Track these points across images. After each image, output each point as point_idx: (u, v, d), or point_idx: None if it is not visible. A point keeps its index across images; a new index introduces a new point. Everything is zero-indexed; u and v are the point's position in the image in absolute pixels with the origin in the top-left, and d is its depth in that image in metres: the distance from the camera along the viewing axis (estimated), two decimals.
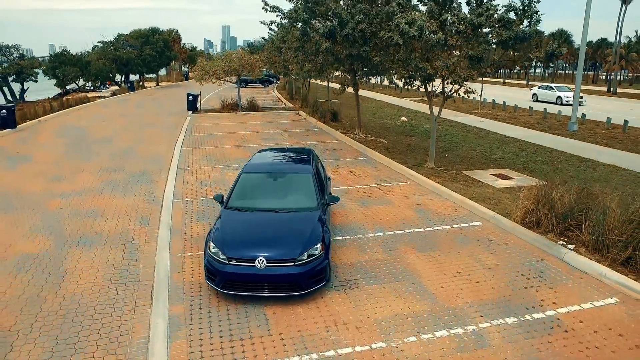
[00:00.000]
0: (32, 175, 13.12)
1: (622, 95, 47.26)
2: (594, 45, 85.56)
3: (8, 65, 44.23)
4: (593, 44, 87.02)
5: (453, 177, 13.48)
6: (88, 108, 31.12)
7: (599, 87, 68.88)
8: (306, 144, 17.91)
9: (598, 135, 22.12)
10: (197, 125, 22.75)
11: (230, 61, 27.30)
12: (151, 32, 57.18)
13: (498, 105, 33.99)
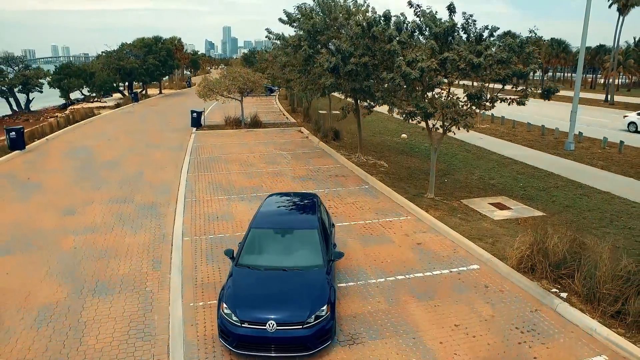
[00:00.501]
0: (44, 208, 13.49)
1: (619, 105, 47.58)
2: (592, 51, 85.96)
3: (14, 77, 44.70)
4: (591, 49, 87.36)
5: (452, 209, 13.85)
6: (93, 123, 31.49)
7: (596, 93, 69.15)
8: (309, 169, 18.30)
9: (594, 155, 22.49)
10: (202, 145, 23.12)
11: (233, 79, 27.68)
12: (154, 41, 57.53)
13: (497, 119, 34.37)
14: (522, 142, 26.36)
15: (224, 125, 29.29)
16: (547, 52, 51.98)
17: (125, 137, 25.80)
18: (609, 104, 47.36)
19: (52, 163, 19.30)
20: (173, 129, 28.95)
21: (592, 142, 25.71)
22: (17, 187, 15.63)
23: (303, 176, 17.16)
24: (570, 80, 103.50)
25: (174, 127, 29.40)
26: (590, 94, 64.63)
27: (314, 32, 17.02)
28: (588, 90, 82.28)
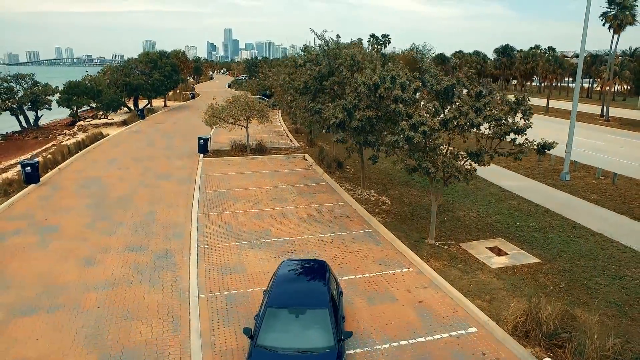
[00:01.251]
0: (64, 257, 14.07)
1: (614, 121, 48.14)
2: (588, 60, 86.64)
3: (23, 95, 45.25)
4: (588, 59, 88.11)
5: (452, 256, 14.46)
6: (102, 147, 32.06)
7: (593, 104, 69.63)
8: (314, 207, 18.88)
9: (589, 187, 23.07)
10: (210, 177, 23.70)
11: (239, 107, 28.26)
12: (159, 56, 58.14)
13: None
14: (519, 169, 26.93)
15: (229, 150, 29.89)
16: (544, 68, 52.55)
17: (134, 165, 26.37)
18: (604, 120, 47.91)
19: (67, 199, 19.87)
20: (180, 154, 29.52)
21: (586, 170, 26.28)
22: (36, 231, 16.21)
23: (309, 217, 17.75)
24: (567, 88, 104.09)
25: (181, 152, 29.97)
26: (586, 106, 65.07)
27: (319, 78, 17.60)
28: (584, 100, 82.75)
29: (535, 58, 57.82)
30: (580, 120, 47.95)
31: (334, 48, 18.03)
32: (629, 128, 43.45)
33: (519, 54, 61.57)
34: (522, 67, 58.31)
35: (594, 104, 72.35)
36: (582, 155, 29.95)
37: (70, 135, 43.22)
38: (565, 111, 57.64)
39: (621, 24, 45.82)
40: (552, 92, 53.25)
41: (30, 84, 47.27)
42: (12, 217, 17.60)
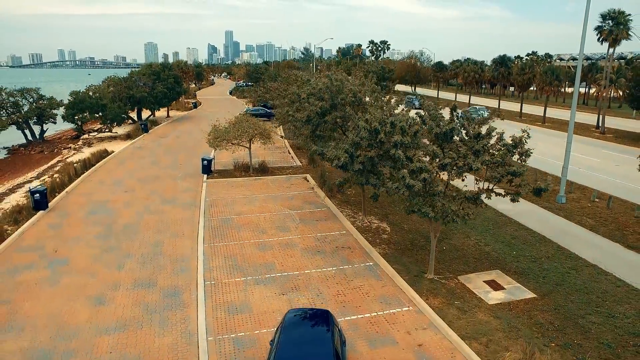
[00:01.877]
0: (74, 294, 14.39)
1: (609, 134, 48.41)
2: (585, 68, 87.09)
3: (29, 109, 45.61)
4: (584, 67, 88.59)
5: (451, 292, 14.81)
6: (107, 165, 32.33)
7: (588, 113, 69.90)
8: (316, 237, 19.18)
9: (584, 210, 23.39)
10: (214, 201, 24.02)
11: (242, 129, 28.57)
12: (162, 68, 58.46)
13: None
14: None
15: (232, 170, 30.20)
16: (540, 80, 52.87)
17: (139, 187, 26.69)
18: (600, 132, 48.22)
19: (75, 228, 20.18)
20: (184, 173, 29.83)
21: (582, 191, 26.61)
22: (47, 264, 16.52)
23: (312, 248, 18.07)
24: (565, 93, 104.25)
25: (185, 171, 30.28)
26: (583, 115, 65.29)
27: (322, 113, 17.94)
28: (580, 107, 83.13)
29: (532, 69, 58.05)
30: (576, 133, 48.21)
31: (338, 84, 18.34)
32: (624, 142, 43.73)
33: (515, 65, 61.78)
34: (519, 78, 58.53)
35: (590, 112, 72.59)
36: (578, 174, 30.28)
37: (75, 149, 43.58)
38: (563, 122, 57.94)
39: (616, 39, 46.17)
40: (549, 100, 53.60)
41: (36, 98, 47.71)
42: (24, 249, 17.92)
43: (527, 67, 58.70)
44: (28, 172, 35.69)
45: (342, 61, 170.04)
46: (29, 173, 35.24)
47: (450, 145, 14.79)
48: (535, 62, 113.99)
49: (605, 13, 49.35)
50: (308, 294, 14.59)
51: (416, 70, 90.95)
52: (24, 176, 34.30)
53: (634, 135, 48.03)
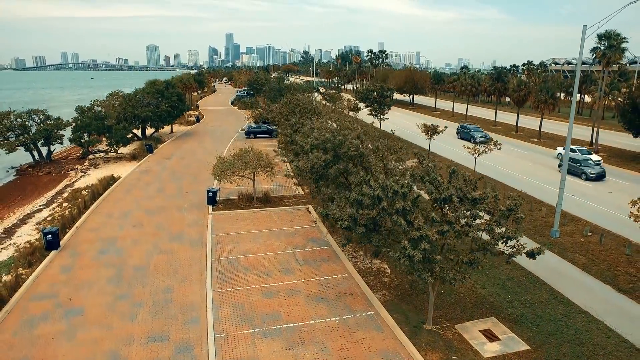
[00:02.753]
0: (91, 352, 14.88)
1: (603, 153, 48.89)
2: (580, 78, 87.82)
3: (36, 131, 46.08)
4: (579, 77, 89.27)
5: (448, 345, 15.36)
6: (114, 194, 32.76)
7: (583, 125, 70.41)
8: (320, 282, 19.69)
9: (577, 246, 23.91)
10: (220, 237, 24.52)
11: (246, 160, 29.06)
12: (165, 86, 58.92)
13: (490, 184, 35.73)
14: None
15: (237, 200, 30.68)
16: (537, 98, 53.32)
17: (147, 220, 27.17)
18: (594, 151, 48.72)
19: (87, 270, 20.66)
20: (191, 204, 30.30)
21: (575, 224, 27.11)
22: (62, 315, 17.01)
23: (315, 294, 18.58)
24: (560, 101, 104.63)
25: (191, 201, 30.76)
26: (577, 128, 65.75)
27: (324, 166, 18.44)
28: (575, 118, 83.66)
29: (527, 86, 58.55)
30: (571, 151, 48.83)
31: (340, 138, 18.81)
32: (617, 163, 44.21)
33: (511, 82, 62.28)
34: (515, 95, 59.04)
35: (585, 124, 73.10)
36: (572, 203, 30.79)
37: (82, 171, 44.08)
38: (558, 138, 58.36)
39: (609, 61, 46.73)
40: (545, 112, 54.03)
41: (43, 119, 48.19)
42: (39, 297, 18.40)
43: (523, 84, 59.18)
44: (37, 198, 36.16)
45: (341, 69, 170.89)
46: (38, 199, 35.70)
47: (448, 206, 15.31)
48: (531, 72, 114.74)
49: (601, 34, 49.91)
50: (313, 348, 15.09)
51: (414, 81, 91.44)
52: (34, 203, 34.78)
53: (626, 154, 48.55)
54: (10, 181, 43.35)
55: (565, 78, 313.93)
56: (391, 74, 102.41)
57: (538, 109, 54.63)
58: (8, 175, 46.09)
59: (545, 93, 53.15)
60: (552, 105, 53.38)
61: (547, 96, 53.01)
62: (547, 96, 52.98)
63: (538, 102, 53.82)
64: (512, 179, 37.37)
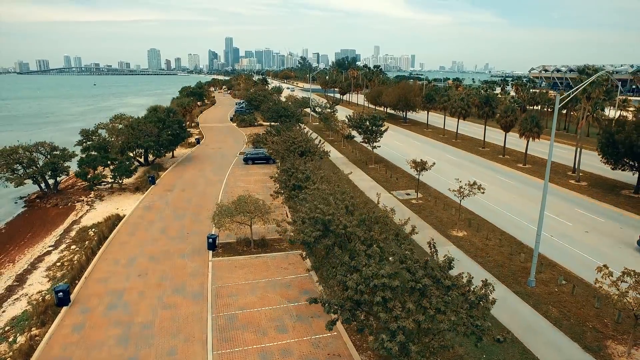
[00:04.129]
0: None
1: (584, 182, 50.18)
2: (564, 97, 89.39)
3: (44, 164, 47.18)
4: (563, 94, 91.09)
5: None
6: (119, 237, 33.83)
7: (567, 144, 71.74)
8: (311, 340, 20.89)
9: (551, 297, 25.20)
10: (219, 288, 25.70)
11: (244, 209, 30.25)
12: (167, 114, 60.07)
13: (474, 219, 37.05)
14: (492, 265, 29.08)
15: (235, 244, 31.85)
16: (522, 127, 54.71)
17: (151, 269, 28.32)
18: (576, 180, 50.06)
19: (97, 330, 21.80)
20: (192, 249, 31.40)
21: (551, 271, 28.38)
22: None
23: (307, 356, 19.79)
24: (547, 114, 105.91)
25: (193, 246, 31.87)
26: (561, 149, 67.07)
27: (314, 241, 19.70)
28: (561, 135, 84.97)
29: (514, 112, 59.96)
30: (552, 180, 50.00)
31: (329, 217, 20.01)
32: (597, 194, 45.42)
33: (499, 108, 63.71)
34: (502, 120, 60.42)
35: (570, 143, 74.51)
36: (549, 244, 32.09)
37: (87, 203, 45.17)
38: (543, 162, 59.31)
39: (589, 96, 48.17)
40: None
41: (49, 150, 49.27)
42: None
43: (510, 111, 60.53)
44: (46, 236, 37.27)
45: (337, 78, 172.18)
46: (47, 238, 36.82)
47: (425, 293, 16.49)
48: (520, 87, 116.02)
49: (582, 68, 51.53)
50: None
51: (407, 99, 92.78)
52: (43, 242, 35.90)
53: (607, 182, 49.81)
54: (19, 214, 44.43)
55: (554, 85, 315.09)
56: (385, 90, 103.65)
57: (523, 136, 55.95)
58: (17, 207, 47.17)
59: (530, 122, 54.50)
60: (537, 134, 54.67)
61: (532, 125, 54.35)
62: (532, 125, 54.32)
63: (523, 130, 55.18)
64: (497, 216, 38.62)
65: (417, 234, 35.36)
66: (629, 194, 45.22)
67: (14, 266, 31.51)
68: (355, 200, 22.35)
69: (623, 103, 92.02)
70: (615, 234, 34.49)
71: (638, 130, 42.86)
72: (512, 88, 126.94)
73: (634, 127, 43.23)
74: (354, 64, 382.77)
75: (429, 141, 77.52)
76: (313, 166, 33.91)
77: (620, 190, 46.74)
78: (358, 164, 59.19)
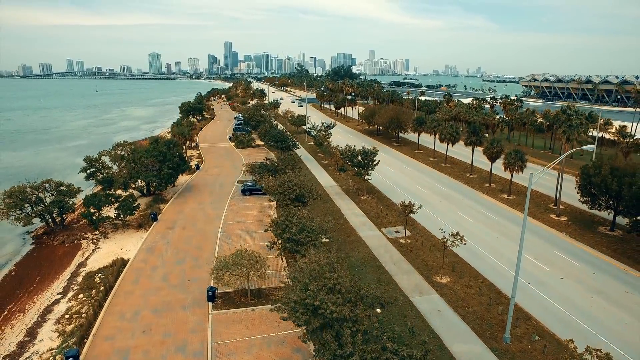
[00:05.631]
0: None
1: (564, 218, 51.61)
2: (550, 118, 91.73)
3: (50, 203, 48.31)
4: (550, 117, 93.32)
5: None
6: (124, 286, 35.01)
7: (551, 170, 73.18)
8: None
9: (524, 356, 26.57)
10: (218, 347, 26.98)
11: (240, 264, 31.54)
12: (168, 148, 61.20)
13: (457, 265, 38.35)
14: (471, 318, 30.44)
15: (233, 295, 33.12)
16: (507, 160, 56.27)
17: (155, 324, 29.54)
18: (556, 215, 51.54)
19: None
20: (192, 299, 32.65)
21: (527, 324, 29.76)
22: None
23: None
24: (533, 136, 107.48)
25: (193, 297, 33.07)
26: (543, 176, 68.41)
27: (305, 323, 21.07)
28: (545, 157, 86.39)
29: (499, 144, 61.55)
30: (532, 214, 51.44)
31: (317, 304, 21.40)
32: (575, 232, 46.76)
33: (486, 139, 65.31)
34: (488, 152, 61.97)
35: (553, 168, 75.86)
36: (526, 293, 33.49)
37: (93, 242, 46.34)
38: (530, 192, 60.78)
39: (569, 138, 49.75)
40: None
41: (56, 187, 50.42)
42: None
43: (496, 142, 62.04)
44: (54, 281, 38.44)
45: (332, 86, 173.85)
46: (55, 283, 37.97)
47: None
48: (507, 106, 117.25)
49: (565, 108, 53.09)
50: None
51: (399, 120, 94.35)
52: (51, 289, 37.04)
53: (586, 217, 51.10)
54: (27, 252, 45.57)
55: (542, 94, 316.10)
56: (379, 111, 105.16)
57: (508, 170, 57.48)
58: (25, 243, 48.36)
59: (514, 156, 56.01)
60: (520, 168, 56.20)
61: (516, 158, 55.87)
62: (517, 158, 55.83)
63: (508, 164, 56.72)
64: (479, 260, 39.96)
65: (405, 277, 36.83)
66: (605, 231, 46.77)
67: (24, 317, 32.69)
68: (342, 279, 23.70)
69: (605, 125, 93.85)
70: (587, 281, 35.96)
71: (613, 173, 44.43)
72: (501, 107, 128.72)
73: (610, 171, 44.76)
74: (349, 72, 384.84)
75: (418, 166, 78.94)
76: (306, 219, 35.22)
77: (598, 227, 48.26)
78: (350, 194, 60.49)
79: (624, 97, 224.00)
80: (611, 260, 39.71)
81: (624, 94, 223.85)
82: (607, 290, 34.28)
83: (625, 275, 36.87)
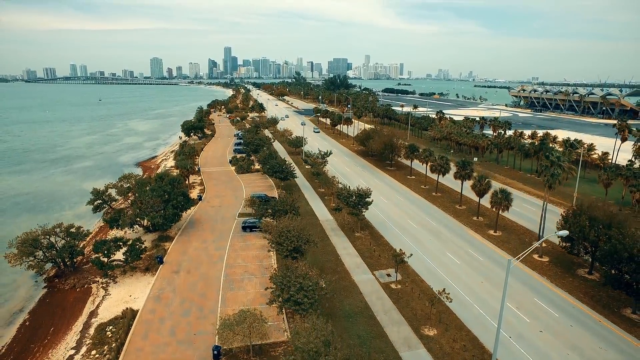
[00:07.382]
0: None
1: (545, 259, 53.22)
2: (537, 146, 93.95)
3: (62, 248, 49.63)
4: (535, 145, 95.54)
5: None
6: (135, 341, 36.38)
7: (536, 199, 74.70)
8: None
9: None
10: None
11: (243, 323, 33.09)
12: (172, 187, 62.57)
13: (445, 318, 39.83)
14: None
15: (237, 351, 34.60)
16: (493, 200, 58.05)
17: None
18: (539, 256, 53.24)
19: None
20: (199, 359, 34.12)
21: None
22: None
23: None
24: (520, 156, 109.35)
25: (199, 356, 34.44)
26: (530, 203, 70.12)
27: None
28: (531, 182, 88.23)
29: (488, 183, 63.33)
30: (516, 254, 53.04)
31: None
32: (555, 275, 48.24)
33: (474, 177, 67.08)
34: (476, 189, 63.75)
35: (538, 196, 77.56)
36: (506, 348, 35.00)
37: (102, 287, 47.67)
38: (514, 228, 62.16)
39: (551, 186, 51.55)
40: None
41: (66, 230, 51.73)
42: None
43: (484, 179, 63.77)
44: (67, 333, 39.76)
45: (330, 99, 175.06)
46: (68, 336, 39.30)
47: None
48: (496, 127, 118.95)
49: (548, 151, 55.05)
50: None
51: (392, 147, 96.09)
52: (65, 343, 38.37)
53: (566, 259, 52.53)
54: (40, 298, 46.85)
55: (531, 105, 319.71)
56: (373, 136, 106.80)
57: (494, 208, 59.22)
58: (37, 287, 49.62)
59: (501, 195, 57.74)
60: (506, 207, 57.92)
61: (502, 198, 57.59)
62: (502, 198, 57.56)
63: (494, 203, 58.47)
64: (465, 309, 41.51)
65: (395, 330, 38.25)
66: (584, 274, 48.47)
67: None
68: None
69: (587, 152, 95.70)
70: (565, 334, 37.57)
71: (590, 221, 46.22)
72: (490, 128, 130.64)
73: (587, 219, 46.54)
74: (345, 82, 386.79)
75: (410, 195, 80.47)
76: (303, 277, 36.71)
77: (577, 269, 49.92)
78: (345, 229, 62.01)
79: (609, 109, 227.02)
80: (588, 311, 41.27)
81: (608, 106, 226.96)
82: (582, 346, 35.92)
83: (601, 328, 38.47)
